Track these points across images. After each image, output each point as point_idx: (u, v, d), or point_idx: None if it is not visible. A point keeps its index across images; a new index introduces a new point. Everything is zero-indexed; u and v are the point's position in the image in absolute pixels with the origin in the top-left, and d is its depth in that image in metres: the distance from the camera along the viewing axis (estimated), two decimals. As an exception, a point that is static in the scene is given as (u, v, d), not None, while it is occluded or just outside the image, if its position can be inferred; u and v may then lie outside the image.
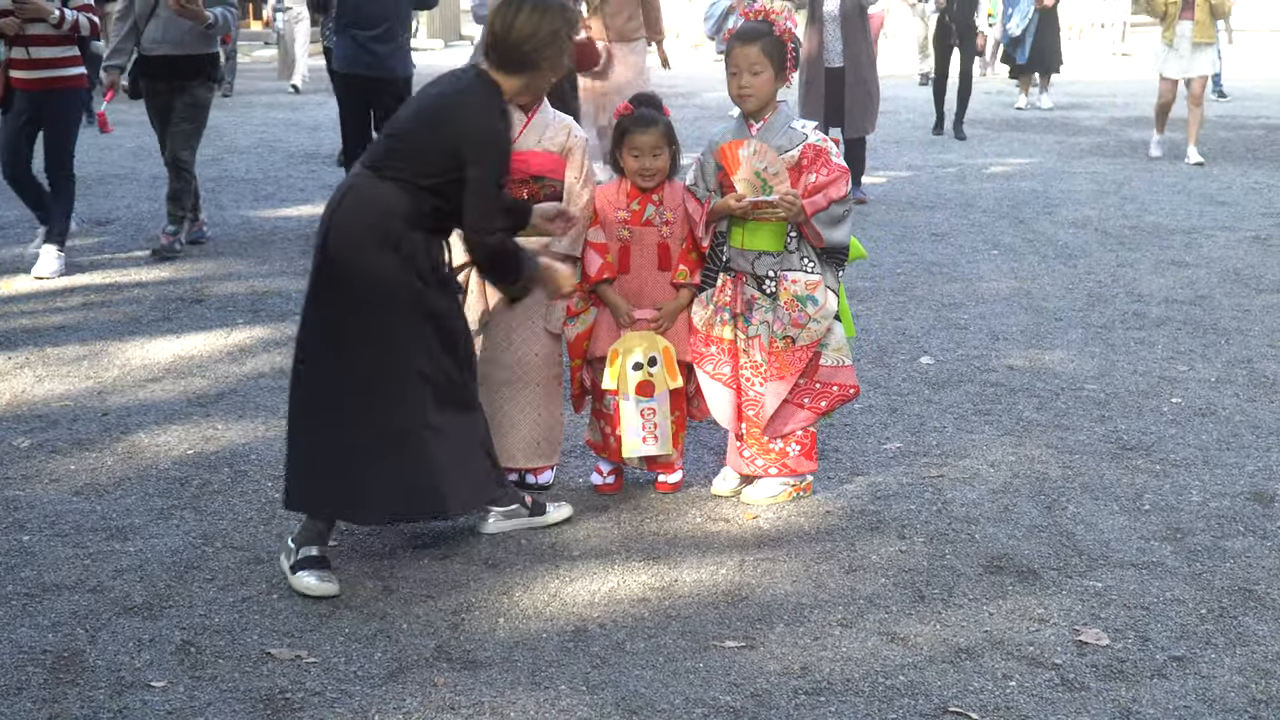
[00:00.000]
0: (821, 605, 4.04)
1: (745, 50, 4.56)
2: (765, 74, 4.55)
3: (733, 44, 4.59)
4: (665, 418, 4.70)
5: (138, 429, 5.46)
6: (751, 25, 4.63)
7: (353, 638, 3.83)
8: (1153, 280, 8.05)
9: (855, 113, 10.25)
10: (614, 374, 4.68)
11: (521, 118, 4.72)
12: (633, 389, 4.67)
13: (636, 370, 4.67)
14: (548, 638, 3.84)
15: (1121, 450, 5.29)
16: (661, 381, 4.68)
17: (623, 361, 4.67)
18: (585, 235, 4.72)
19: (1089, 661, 3.72)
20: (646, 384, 4.67)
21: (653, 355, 4.67)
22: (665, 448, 4.72)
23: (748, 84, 4.57)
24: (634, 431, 4.70)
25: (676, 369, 4.69)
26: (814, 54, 10.29)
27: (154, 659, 3.71)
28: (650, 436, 4.70)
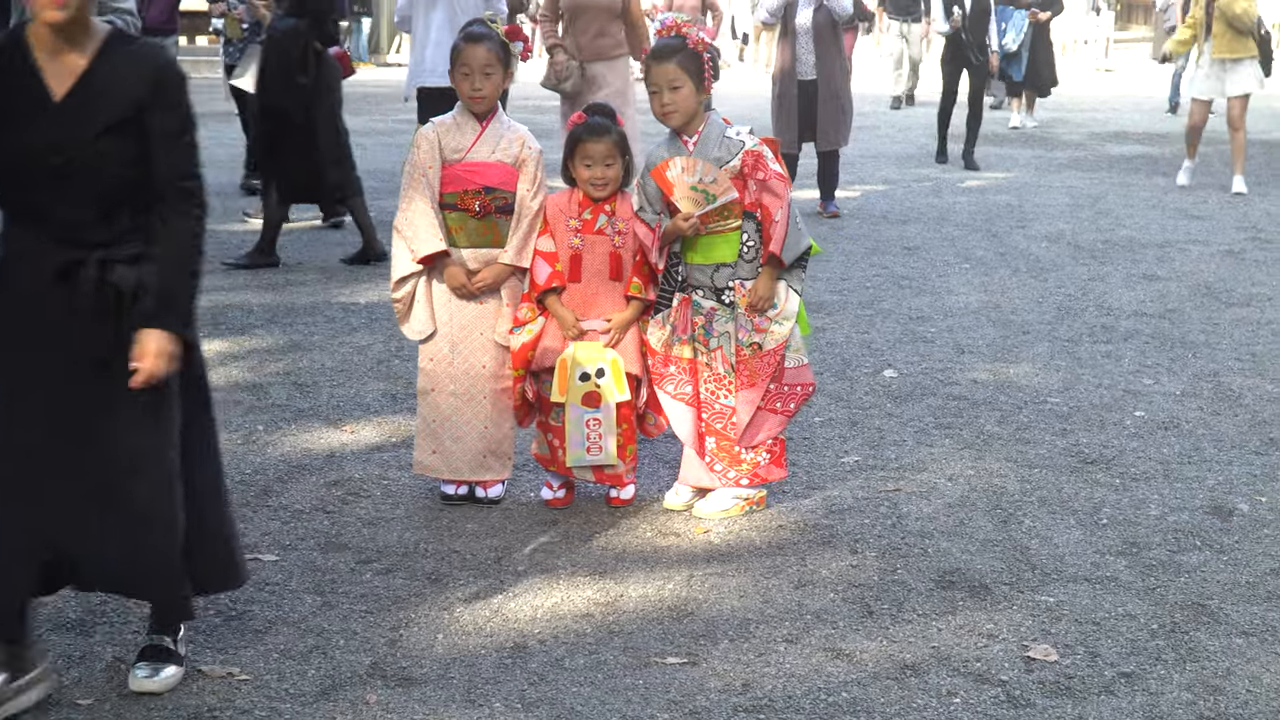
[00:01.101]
0: (768, 621, 3.98)
1: (662, 68, 4.54)
2: (685, 88, 4.52)
3: (648, 63, 4.59)
4: (611, 429, 4.64)
5: (86, 443, 5.37)
6: (664, 42, 4.62)
7: (287, 654, 3.75)
8: (1123, 294, 8.01)
9: (827, 126, 10.23)
10: (561, 385, 4.62)
11: (476, 128, 4.67)
12: (579, 399, 4.61)
13: (584, 381, 4.60)
14: (486, 654, 3.77)
15: (1082, 464, 5.23)
16: (609, 393, 4.62)
17: (571, 372, 4.61)
18: (533, 245, 4.66)
19: (1036, 678, 3.66)
20: (593, 395, 4.61)
21: (600, 366, 4.61)
22: (610, 458, 4.66)
23: (669, 100, 4.54)
24: (578, 442, 4.64)
25: (624, 381, 4.63)
26: (787, 68, 10.27)
27: (83, 676, 3.62)
28: (595, 447, 4.64)
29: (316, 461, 5.21)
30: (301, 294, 7.80)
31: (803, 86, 10.17)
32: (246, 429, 5.56)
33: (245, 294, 7.80)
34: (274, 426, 5.60)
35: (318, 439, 5.47)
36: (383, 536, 4.54)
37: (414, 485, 4.96)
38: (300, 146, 8.32)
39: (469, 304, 4.71)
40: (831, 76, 10.21)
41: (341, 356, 6.59)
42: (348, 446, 5.39)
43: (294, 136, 8.33)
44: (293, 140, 8.33)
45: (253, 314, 7.35)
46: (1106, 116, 17.31)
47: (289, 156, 8.40)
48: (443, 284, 4.70)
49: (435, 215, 4.60)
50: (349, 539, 4.51)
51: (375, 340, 6.85)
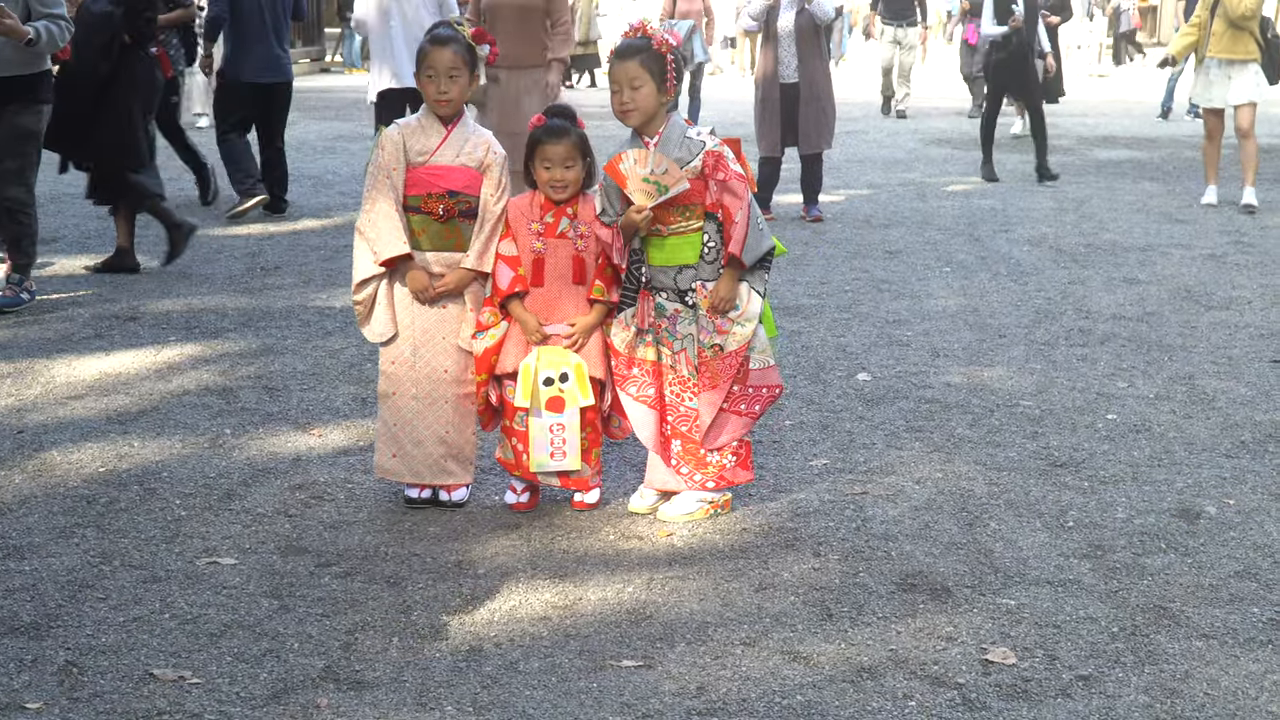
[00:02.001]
0: (726, 624, 3.95)
1: (624, 65, 4.52)
2: (645, 88, 4.50)
3: (611, 61, 4.57)
4: (575, 434, 4.61)
5: (52, 446, 5.35)
6: (628, 41, 4.60)
7: (240, 658, 3.73)
8: (1102, 297, 7.99)
9: (810, 130, 10.22)
10: (525, 390, 4.59)
11: (441, 131, 4.64)
12: (543, 404, 4.59)
13: (547, 386, 4.58)
14: (440, 658, 3.74)
15: (1051, 467, 5.21)
16: (572, 398, 4.59)
17: (535, 377, 4.58)
18: (495, 249, 4.64)
19: (993, 681, 3.63)
20: (557, 400, 4.59)
21: (564, 371, 4.58)
22: (574, 463, 4.63)
23: (628, 99, 4.52)
24: (542, 447, 4.61)
25: (588, 386, 4.60)
26: (769, 72, 10.26)
27: (33, 680, 3.60)
28: (559, 452, 4.61)
29: (282, 465, 5.19)
30: (278, 298, 7.78)
31: (785, 90, 10.17)
32: (214, 432, 5.53)
33: (220, 298, 7.78)
34: (241, 430, 5.57)
35: (284, 442, 5.44)
36: (344, 540, 4.51)
37: (378, 489, 4.94)
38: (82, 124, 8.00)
39: (431, 307, 4.69)
40: (814, 80, 10.21)
41: (313, 360, 6.56)
42: (314, 450, 5.36)
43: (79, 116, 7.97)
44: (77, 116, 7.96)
45: (226, 318, 7.32)
46: (1096, 121, 17.30)
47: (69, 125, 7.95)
48: (405, 287, 4.68)
49: (399, 217, 4.58)
50: (309, 542, 4.49)
51: (348, 344, 6.83)
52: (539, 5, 8.51)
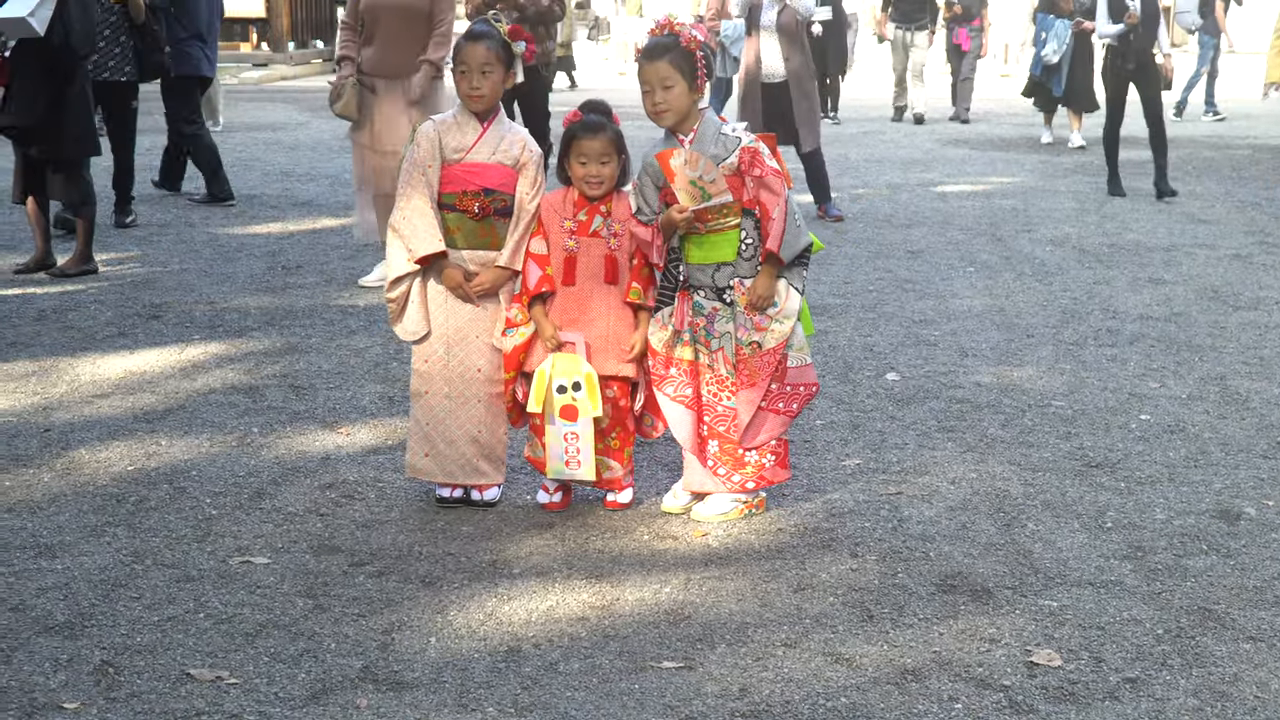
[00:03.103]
0: (766, 625, 3.91)
1: (654, 66, 4.48)
2: (677, 87, 4.46)
3: (640, 61, 4.51)
4: (589, 443, 4.57)
5: (79, 445, 5.32)
6: (657, 40, 4.54)
7: (277, 658, 3.69)
8: (1129, 297, 7.94)
9: (804, 127, 10.15)
10: (538, 396, 4.55)
11: (477, 128, 4.61)
12: (557, 412, 4.55)
13: (560, 394, 4.54)
14: (479, 658, 3.71)
15: (1086, 468, 5.16)
16: (584, 407, 4.54)
17: (549, 384, 4.54)
18: (526, 246, 4.60)
19: (1039, 683, 3.59)
20: (570, 408, 4.55)
21: (576, 380, 4.54)
22: (588, 473, 4.60)
23: (661, 99, 4.48)
24: (557, 455, 4.59)
25: (598, 397, 4.55)
26: (751, 70, 10.21)
27: (69, 680, 3.56)
28: (574, 461, 4.58)
29: (311, 464, 5.15)
30: (300, 297, 7.74)
31: (768, 89, 10.08)
32: (241, 431, 5.50)
33: (243, 296, 7.75)
34: (269, 429, 5.54)
35: (313, 441, 5.41)
36: (376, 539, 4.48)
37: (408, 488, 4.90)
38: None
39: (465, 305, 4.65)
40: (801, 78, 10.16)
41: (338, 359, 6.53)
42: (343, 449, 5.33)
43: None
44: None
45: (249, 316, 7.29)
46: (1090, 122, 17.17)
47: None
48: (438, 284, 4.64)
49: (434, 215, 4.54)
50: (342, 542, 4.45)
51: (373, 343, 6.79)
52: (422, 7, 7.64)
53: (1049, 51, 14.44)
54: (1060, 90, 14.62)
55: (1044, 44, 14.58)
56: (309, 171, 12.68)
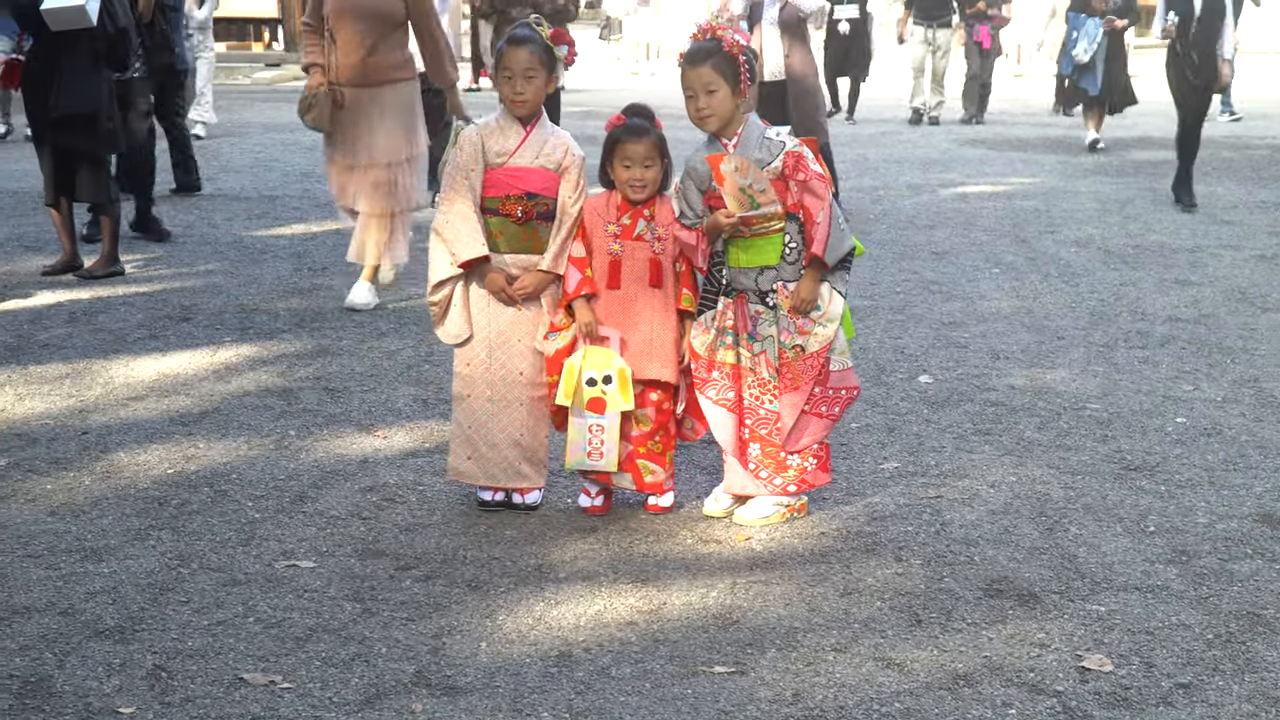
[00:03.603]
0: (815, 629, 3.91)
1: (697, 71, 4.47)
2: (721, 92, 4.46)
3: (683, 67, 4.51)
4: (614, 436, 4.57)
5: (118, 448, 5.33)
6: (699, 45, 4.54)
7: (329, 662, 3.70)
8: (1156, 299, 7.93)
9: (807, 121, 10.13)
10: (567, 388, 4.55)
11: (520, 132, 4.61)
12: (584, 404, 4.55)
13: (590, 386, 4.54)
14: (531, 663, 3.71)
15: (1125, 471, 5.16)
16: (614, 401, 4.55)
17: (578, 376, 4.54)
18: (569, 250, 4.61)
19: (1092, 689, 3.59)
20: (598, 400, 4.55)
21: (608, 374, 4.54)
22: (611, 464, 4.59)
23: (705, 105, 4.48)
24: (579, 447, 4.59)
25: (630, 391, 4.55)
26: None
27: (123, 684, 3.57)
28: (596, 453, 4.58)
29: (350, 467, 5.16)
30: (329, 298, 7.75)
31: (770, 87, 10.07)
32: (278, 434, 5.51)
33: (271, 298, 7.76)
34: (306, 432, 5.54)
35: (350, 444, 5.42)
36: (421, 543, 4.48)
37: (449, 491, 4.91)
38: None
39: (507, 309, 4.66)
40: (804, 75, 10.16)
41: (371, 361, 6.54)
42: (381, 452, 5.33)
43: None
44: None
45: (279, 318, 7.30)
46: (1130, 121, 17.11)
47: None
48: (480, 288, 4.65)
49: (477, 218, 4.55)
50: (386, 545, 4.46)
51: (404, 345, 6.80)
52: (395, 12, 7.12)
53: (1080, 51, 14.22)
54: (1097, 89, 14.38)
55: (1075, 43, 14.32)
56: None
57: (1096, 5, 14.15)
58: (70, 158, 8.08)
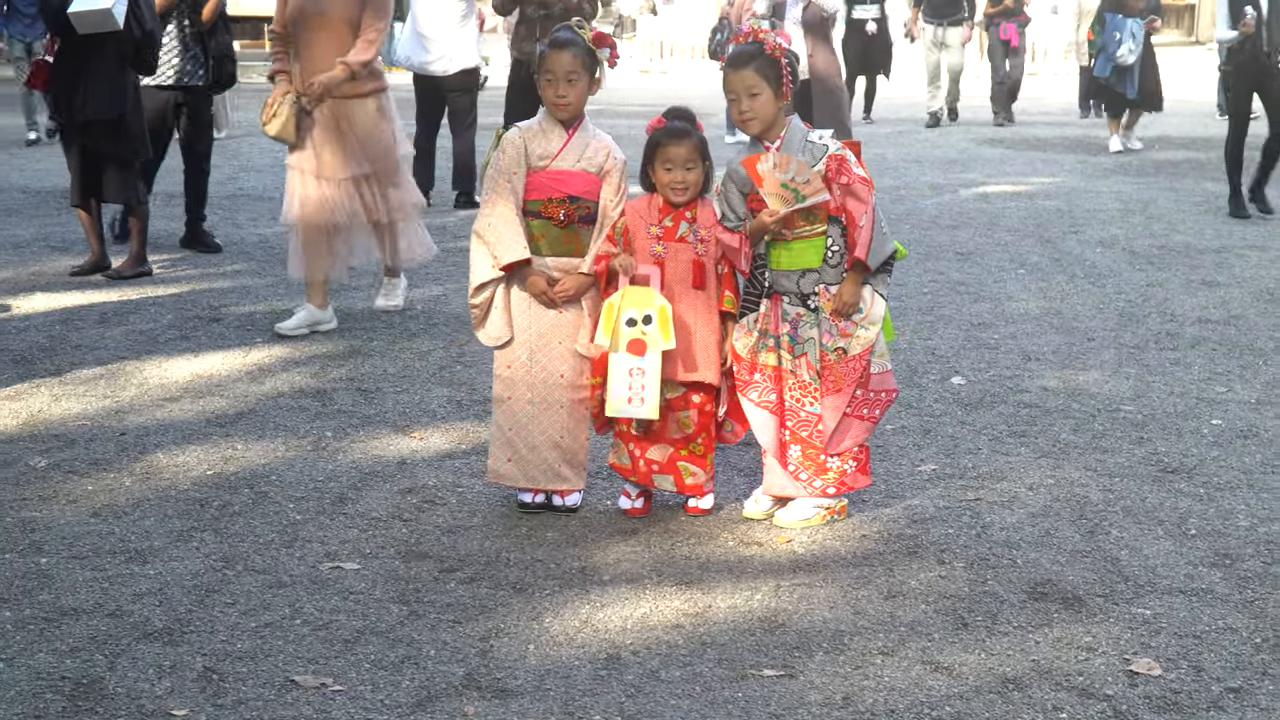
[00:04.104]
0: (861, 633, 3.91)
1: (740, 74, 4.49)
2: (763, 95, 4.48)
3: (726, 70, 4.53)
4: (655, 380, 4.52)
5: (156, 449, 5.35)
6: (742, 48, 4.56)
7: (379, 665, 3.71)
8: (1184, 300, 7.92)
9: (830, 122, 10.17)
10: (607, 328, 4.54)
11: (562, 135, 4.62)
12: (624, 345, 4.53)
13: (630, 326, 4.52)
14: (580, 666, 3.72)
15: (1163, 473, 5.15)
16: (655, 341, 4.51)
17: (617, 316, 4.53)
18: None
19: (1141, 693, 3.59)
20: (638, 342, 4.52)
21: (648, 313, 4.52)
22: (652, 411, 4.55)
23: (747, 108, 4.49)
24: (620, 391, 4.55)
25: (671, 330, 4.51)
26: None
27: (175, 686, 3.59)
28: (637, 398, 4.54)
29: (388, 469, 5.17)
30: (357, 299, 7.76)
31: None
32: (315, 435, 5.52)
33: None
34: (342, 433, 5.56)
35: (386, 446, 5.43)
36: (463, 545, 4.49)
37: (489, 493, 4.92)
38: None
39: (548, 311, 4.66)
40: (828, 75, 10.19)
41: (403, 362, 6.55)
42: (418, 453, 5.34)
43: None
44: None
45: (310, 319, 7.31)
46: (1148, 120, 17.09)
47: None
48: (521, 290, 4.66)
49: (519, 222, 4.56)
50: (429, 547, 4.47)
51: (435, 346, 6.82)
52: (351, 17, 6.80)
53: (1124, 52, 13.91)
54: (1134, 92, 14.19)
55: (1118, 44, 13.92)
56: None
57: (1134, 5, 13.98)
58: (98, 159, 8.11)
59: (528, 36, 9.75)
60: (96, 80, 7.89)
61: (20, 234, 9.61)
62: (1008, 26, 17.20)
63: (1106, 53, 14.14)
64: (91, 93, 7.88)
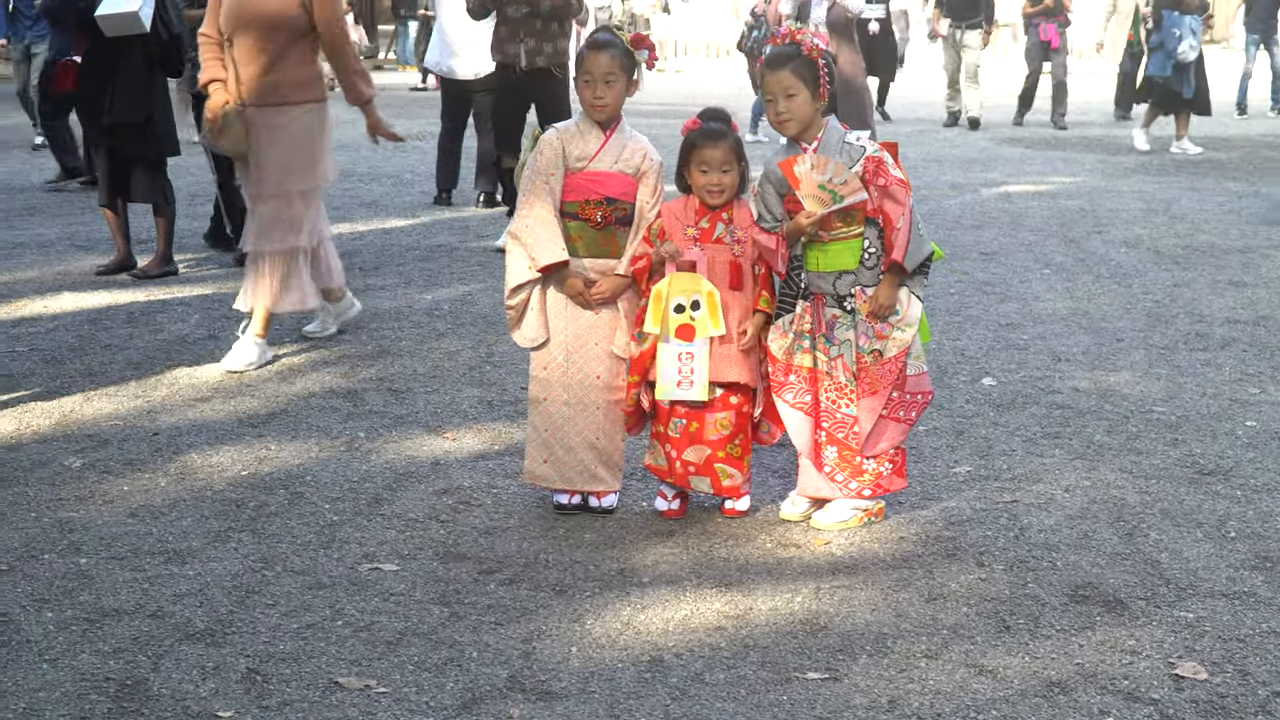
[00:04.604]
0: (904, 635, 3.90)
1: (777, 75, 4.49)
2: (800, 96, 4.47)
3: (764, 71, 4.53)
4: (703, 365, 4.53)
5: (190, 449, 5.35)
6: (779, 50, 4.55)
7: (422, 666, 3.70)
8: (1212, 300, 7.89)
9: (854, 121, 10.18)
10: (655, 315, 4.54)
11: (600, 136, 4.61)
12: (672, 331, 4.54)
13: (678, 313, 4.53)
14: (623, 668, 3.71)
15: (1199, 475, 5.14)
16: (703, 326, 4.52)
17: (665, 303, 4.53)
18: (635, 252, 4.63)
19: (1188, 696, 3.57)
20: (687, 327, 4.53)
21: (695, 298, 4.52)
22: (701, 394, 4.55)
23: (784, 109, 4.49)
24: (669, 375, 4.55)
25: (720, 315, 4.53)
26: None
27: (219, 688, 3.59)
28: (686, 381, 4.54)
29: (422, 469, 5.17)
30: (383, 298, 7.77)
31: None
32: (348, 436, 5.52)
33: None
34: (374, 433, 5.56)
35: (419, 446, 5.43)
36: (501, 546, 4.49)
37: (524, 494, 4.92)
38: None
39: (584, 313, 4.66)
40: (852, 75, 10.19)
41: (432, 362, 6.55)
42: (451, 454, 5.34)
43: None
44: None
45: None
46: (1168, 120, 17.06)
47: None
48: (558, 292, 4.65)
49: (557, 223, 4.55)
50: (467, 549, 4.47)
51: (464, 346, 6.81)
52: (296, 21, 6.22)
53: (1185, 49, 13.61)
54: (1192, 91, 13.90)
55: (1179, 41, 13.62)
56: (369, 171, 12.73)
57: (1190, 2, 13.71)
58: (125, 160, 8.13)
59: (510, 38, 8.63)
60: (124, 82, 7.90)
61: (45, 233, 9.63)
62: (1048, 27, 16.72)
63: (1166, 50, 13.74)
64: (119, 95, 7.90)
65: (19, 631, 3.87)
